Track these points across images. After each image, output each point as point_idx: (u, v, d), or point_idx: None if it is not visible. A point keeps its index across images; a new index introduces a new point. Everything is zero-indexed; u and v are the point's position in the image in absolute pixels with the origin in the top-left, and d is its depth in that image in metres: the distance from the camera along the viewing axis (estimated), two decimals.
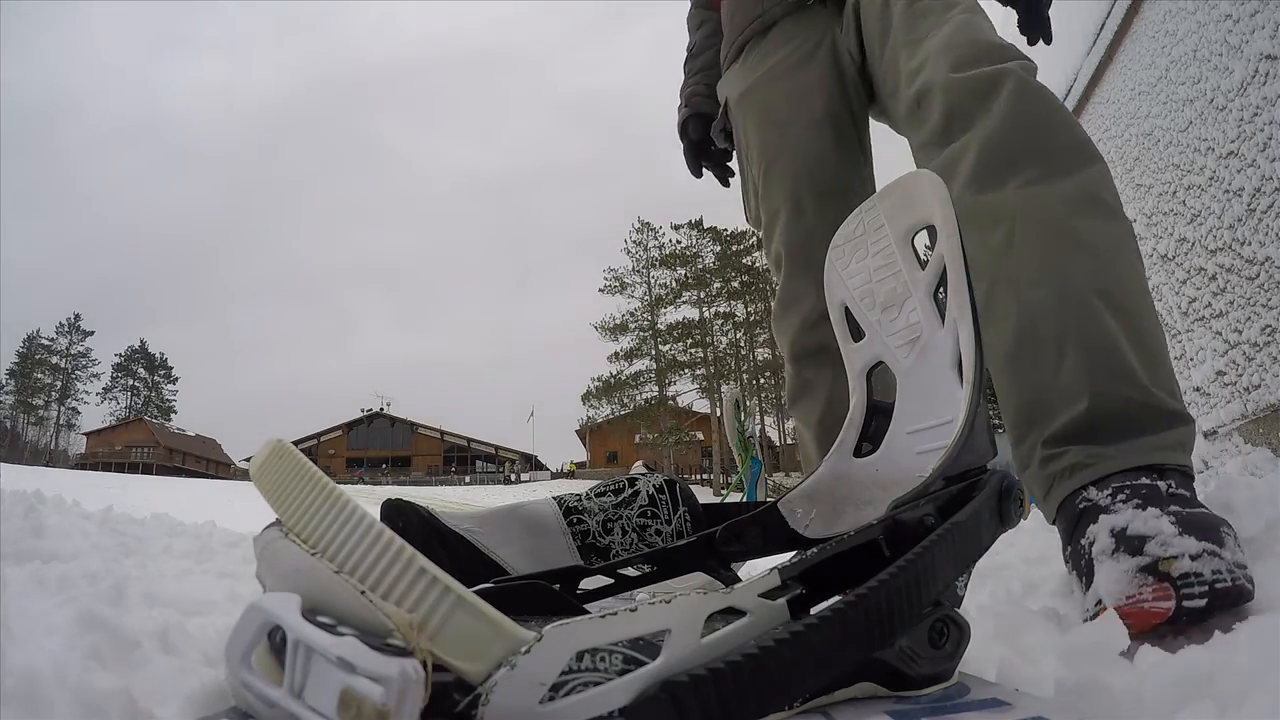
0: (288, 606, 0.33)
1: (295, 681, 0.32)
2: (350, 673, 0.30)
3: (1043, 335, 0.86)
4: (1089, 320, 0.84)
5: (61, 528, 1.55)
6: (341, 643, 0.30)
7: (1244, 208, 1.94)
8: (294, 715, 0.31)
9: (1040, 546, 1.50)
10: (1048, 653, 0.57)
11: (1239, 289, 2.02)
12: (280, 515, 0.37)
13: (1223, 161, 2.04)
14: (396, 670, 0.29)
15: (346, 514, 0.35)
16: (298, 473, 0.37)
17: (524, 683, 0.33)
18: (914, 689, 0.43)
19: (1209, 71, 2.07)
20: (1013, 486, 0.49)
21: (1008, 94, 0.95)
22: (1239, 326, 2.04)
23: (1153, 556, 0.66)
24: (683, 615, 0.37)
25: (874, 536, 0.46)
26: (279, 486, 0.37)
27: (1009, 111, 0.94)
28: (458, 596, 0.33)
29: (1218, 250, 2.11)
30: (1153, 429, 0.81)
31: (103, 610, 0.55)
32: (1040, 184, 0.91)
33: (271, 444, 0.39)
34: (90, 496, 2.69)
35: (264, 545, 0.39)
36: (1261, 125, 1.83)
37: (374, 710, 0.29)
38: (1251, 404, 2.00)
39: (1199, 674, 0.44)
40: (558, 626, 0.34)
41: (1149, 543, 0.67)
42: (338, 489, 0.35)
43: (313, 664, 0.31)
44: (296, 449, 0.38)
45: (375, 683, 0.29)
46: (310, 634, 0.31)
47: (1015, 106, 0.95)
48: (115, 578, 0.82)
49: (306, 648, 0.31)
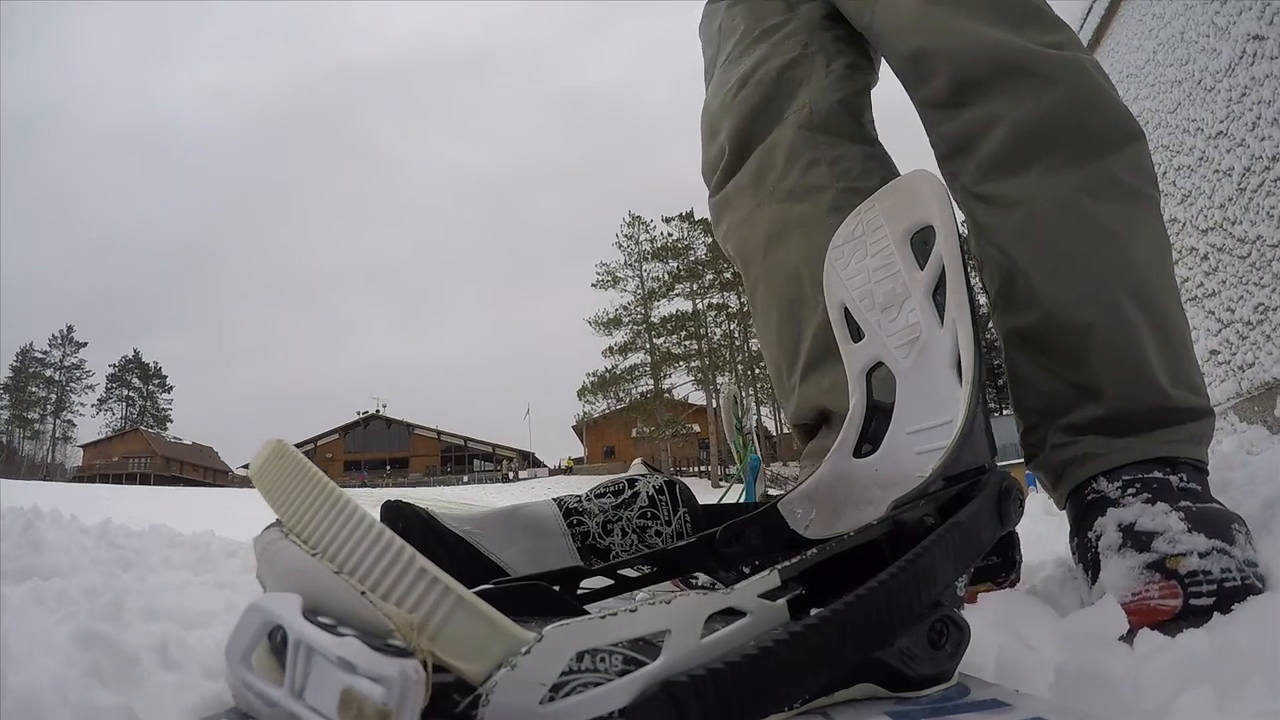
0: (289, 606, 0.33)
1: (296, 682, 0.32)
2: (351, 673, 0.30)
3: (1064, 330, 0.84)
4: (1111, 318, 0.82)
5: (60, 543, 1.54)
6: (342, 643, 0.30)
7: (1234, 187, 1.94)
8: (294, 715, 0.31)
9: (1040, 531, 1.51)
10: (1046, 639, 0.56)
11: (1231, 268, 2.02)
12: (281, 516, 0.36)
13: (1212, 142, 2.04)
14: (397, 671, 0.30)
15: (347, 514, 0.35)
16: (298, 473, 0.36)
17: (524, 683, 0.33)
18: (914, 690, 0.43)
19: (1196, 53, 2.08)
20: (1012, 487, 0.49)
21: (1056, 69, 0.88)
22: (1232, 305, 2.04)
23: (1160, 553, 0.66)
24: (683, 615, 0.37)
25: (874, 537, 0.46)
26: (279, 487, 0.37)
27: (1056, 95, 0.87)
28: (458, 597, 0.33)
29: (1209, 230, 2.11)
30: (1168, 423, 0.80)
31: (101, 627, 0.55)
32: (1064, 169, 0.87)
33: (271, 444, 0.39)
34: (90, 509, 2.68)
35: (264, 546, 0.39)
36: (1250, 105, 1.83)
37: (375, 710, 0.29)
38: (1246, 382, 2.01)
39: (1198, 658, 0.43)
40: (558, 627, 0.34)
41: (1157, 539, 0.67)
42: (338, 489, 0.35)
43: (313, 664, 0.31)
44: (296, 449, 0.38)
45: (376, 683, 0.29)
46: (311, 634, 0.31)
47: (1066, 87, 0.87)
48: (114, 592, 0.82)
49: (307, 648, 0.31)
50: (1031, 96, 0.88)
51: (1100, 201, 0.85)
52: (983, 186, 0.91)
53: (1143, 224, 0.87)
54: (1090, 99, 0.89)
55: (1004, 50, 0.90)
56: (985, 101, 0.90)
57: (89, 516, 2.26)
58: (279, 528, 0.38)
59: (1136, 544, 0.67)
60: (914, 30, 0.97)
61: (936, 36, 0.94)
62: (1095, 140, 0.87)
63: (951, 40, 0.93)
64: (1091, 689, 0.44)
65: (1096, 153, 0.87)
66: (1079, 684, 0.45)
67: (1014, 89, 0.89)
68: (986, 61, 0.90)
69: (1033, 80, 0.88)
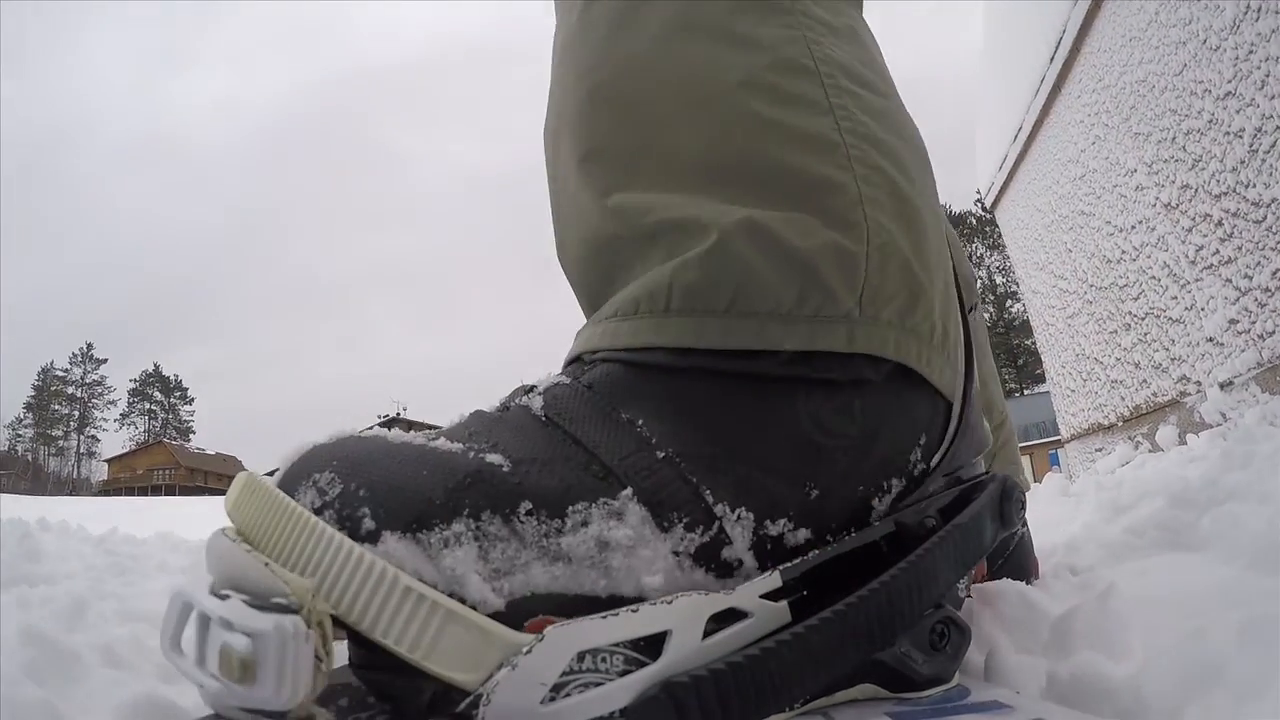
0: (199, 586, 0.34)
1: (199, 651, 0.33)
2: (229, 630, 0.30)
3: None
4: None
5: (59, 552, 1.55)
6: (226, 605, 0.31)
7: (1246, 149, 1.89)
8: (200, 683, 0.32)
9: (1054, 515, 1.46)
10: (1040, 638, 0.52)
11: (1246, 233, 1.96)
12: (262, 549, 0.35)
13: (1220, 103, 1.98)
14: (271, 625, 0.30)
15: (325, 541, 0.34)
16: (273, 507, 0.36)
17: (525, 683, 0.33)
18: (915, 691, 0.43)
19: (1200, 11, 2.02)
20: (1014, 489, 0.48)
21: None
22: (1249, 272, 1.99)
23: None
24: (684, 616, 0.36)
25: (874, 538, 0.44)
26: (253, 522, 0.36)
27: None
28: (447, 610, 0.33)
29: (1222, 195, 2.05)
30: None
31: (46, 626, 0.53)
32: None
33: (241, 479, 0.38)
34: (106, 521, 2.69)
35: (206, 546, 0.39)
36: (1258, 63, 1.77)
37: (239, 661, 0.30)
38: (1267, 351, 1.95)
39: (1209, 661, 0.36)
40: (559, 627, 0.34)
41: None
42: (312, 517, 0.35)
43: (209, 632, 0.32)
44: (268, 482, 0.37)
45: (246, 636, 0.30)
46: (205, 603, 0.32)
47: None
48: (91, 596, 0.81)
49: (204, 616, 0.32)
50: None
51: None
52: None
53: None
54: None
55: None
56: None
57: (99, 528, 2.27)
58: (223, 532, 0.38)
59: None
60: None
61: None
62: None
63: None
64: (1086, 696, 0.40)
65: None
66: (1073, 691, 0.41)
67: None
68: None
69: None
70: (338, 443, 0.39)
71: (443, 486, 0.36)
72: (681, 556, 0.39)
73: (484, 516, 0.36)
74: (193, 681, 0.33)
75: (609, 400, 0.42)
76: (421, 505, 0.36)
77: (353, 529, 0.35)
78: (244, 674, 0.30)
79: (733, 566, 0.40)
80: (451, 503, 0.36)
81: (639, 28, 0.50)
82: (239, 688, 0.30)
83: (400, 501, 0.35)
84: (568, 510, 0.38)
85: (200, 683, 0.32)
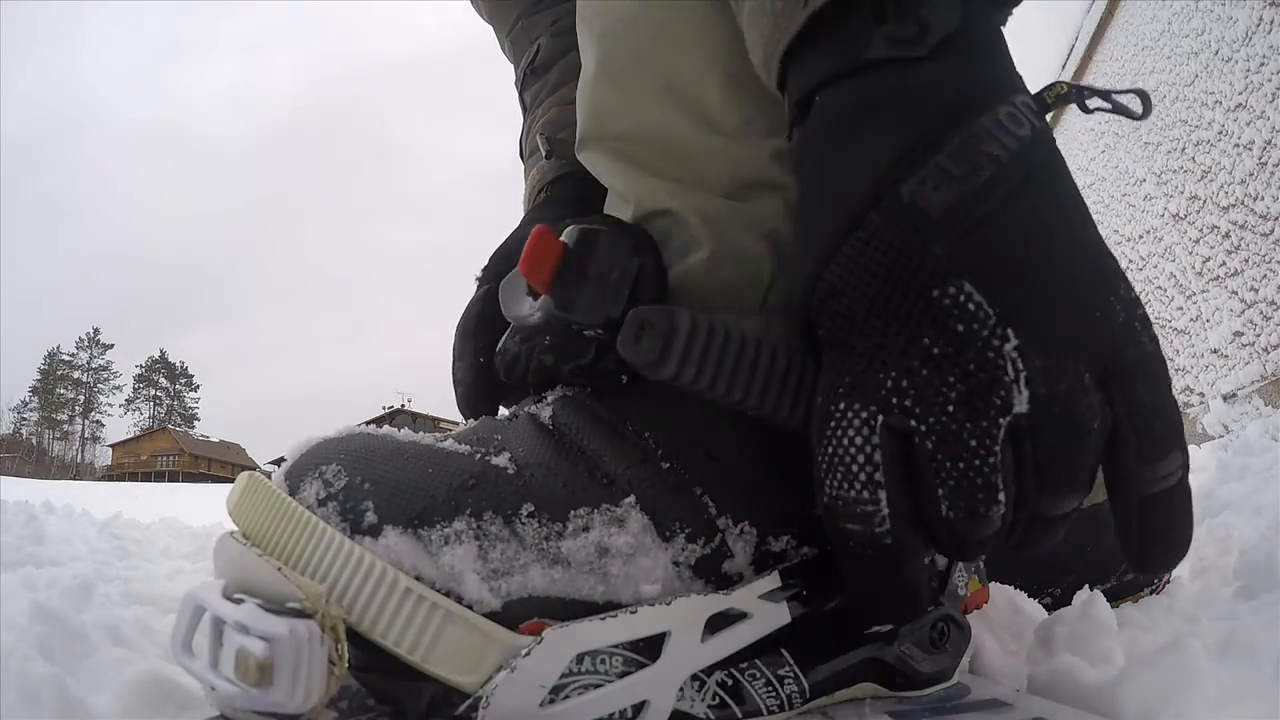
0: (211, 589, 0.34)
1: (212, 654, 0.33)
2: (245, 634, 0.31)
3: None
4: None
5: (63, 535, 1.56)
6: (241, 609, 0.31)
7: (1255, 162, 1.89)
8: (213, 686, 0.32)
9: None
10: (1025, 640, 0.51)
11: (1253, 245, 1.96)
12: (262, 548, 0.36)
13: (1231, 115, 1.98)
14: (286, 629, 0.30)
15: (327, 542, 0.34)
16: (274, 507, 0.36)
17: (525, 685, 0.33)
18: (915, 689, 0.43)
19: (1212, 22, 2.02)
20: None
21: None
22: (1255, 285, 1.98)
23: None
24: (683, 617, 0.36)
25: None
26: (255, 522, 0.37)
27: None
28: (446, 611, 0.33)
29: (1230, 207, 2.05)
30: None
31: (58, 605, 0.54)
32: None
33: (243, 479, 0.39)
34: (110, 506, 2.71)
35: (215, 547, 0.39)
36: (1269, 75, 1.77)
37: (256, 664, 0.30)
38: (1271, 364, 1.95)
39: (1188, 669, 0.35)
40: (558, 628, 0.34)
41: None
42: (314, 517, 0.35)
43: (224, 635, 0.32)
44: (270, 482, 0.38)
45: (262, 640, 0.30)
46: (219, 606, 0.32)
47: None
48: (98, 578, 0.82)
49: (218, 620, 0.32)
50: None
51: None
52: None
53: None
54: None
55: None
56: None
57: (103, 512, 2.28)
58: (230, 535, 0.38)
59: None
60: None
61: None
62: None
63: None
64: (1062, 699, 0.40)
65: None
66: (1049, 692, 0.41)
67: None
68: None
69: None
70: (346, 437, 0.39)
71: (447, 485, 0.37)
72: (681, 567, 0.38)
73: (486, 516, 0.36)
74: (203, 683, 0.33)
75: (617, 412, 0.42)
76: (424, 501, 0.36)
77: (355, 521, 0.35)
78: (260, 677, 0.30)
79: (733, 580, 0.39)
80: (454, 501, 0.36)
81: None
82: (254, 691, 0.30)
83: (404, 497, 0.36)
84: (569, 515, 0.37)
85: (212, 685, 0.32)
